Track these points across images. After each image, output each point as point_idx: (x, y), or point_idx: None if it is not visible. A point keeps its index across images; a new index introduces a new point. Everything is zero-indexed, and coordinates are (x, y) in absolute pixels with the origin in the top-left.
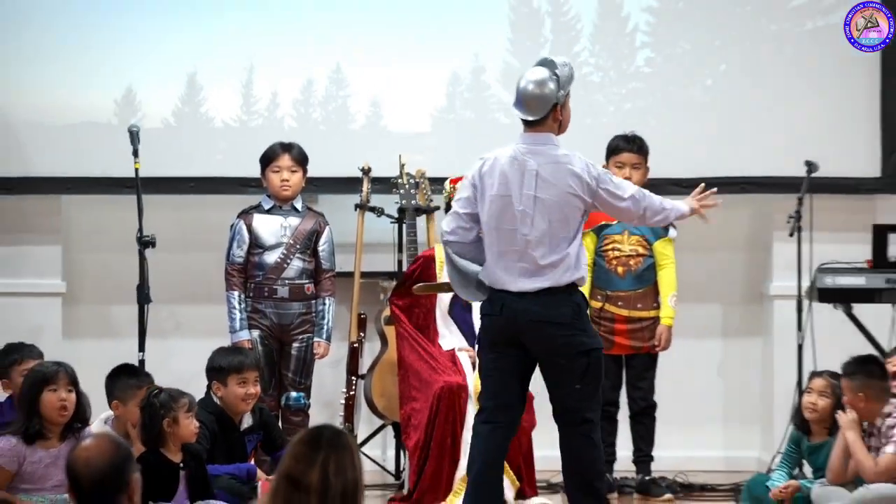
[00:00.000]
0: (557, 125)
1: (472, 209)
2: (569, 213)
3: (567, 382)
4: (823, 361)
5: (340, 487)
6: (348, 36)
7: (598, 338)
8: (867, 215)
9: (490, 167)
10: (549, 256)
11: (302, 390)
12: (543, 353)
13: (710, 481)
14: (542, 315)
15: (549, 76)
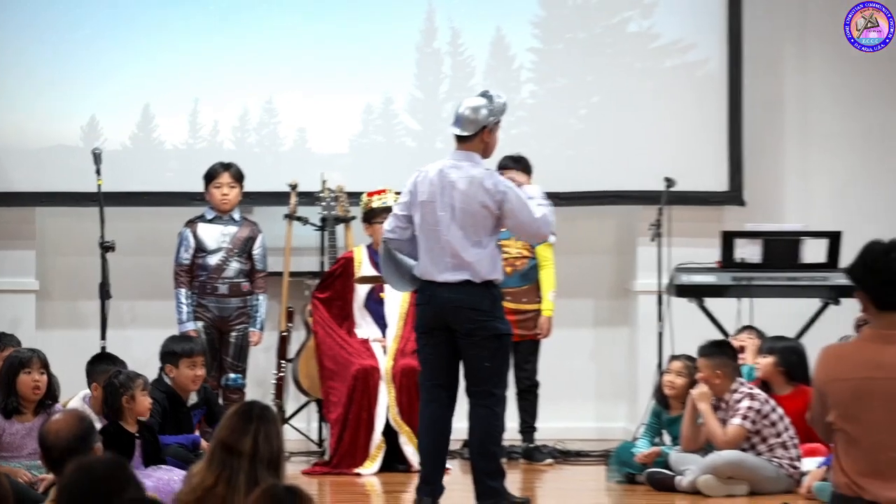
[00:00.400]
0: (483, 146)
1: (408, 212)
2: (479, 221)
3: (479, 360)
4: (680, 347)
5: (268, 454)
6: (278, 72)
7: (509, 326)
8: (716, 223)
9: (423, 177)
10: (467, 256)
11: (239, 372)
12: (463, 333)
13: (584, 448)
14: (464, 301)
15: (483, 104)
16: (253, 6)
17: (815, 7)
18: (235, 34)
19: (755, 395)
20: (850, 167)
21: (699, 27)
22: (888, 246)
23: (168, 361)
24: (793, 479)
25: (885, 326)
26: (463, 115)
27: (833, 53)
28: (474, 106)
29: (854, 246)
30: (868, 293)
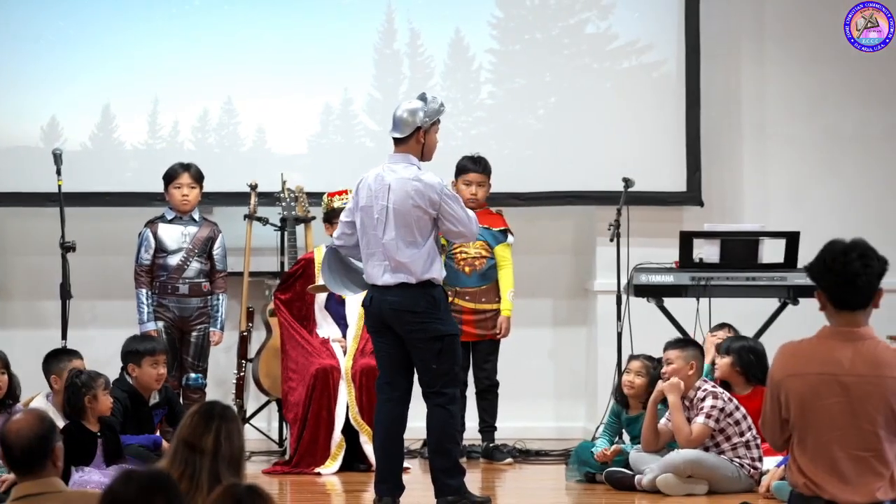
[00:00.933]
0: (420, 148)
1: (351, 218)
2: (414, 222)
3: (425, 362)
4: (639, 347)
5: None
6: (237, 72)
7: (452, 325)
8: (675, 224)
9: (363, 184)
10: (403, 257)
11: (200, 372)
12: (406, 336)
13: (543, 448)
14: (401, 304)
15: (419, 106)
16: (212, 7)
17: (773, 7)
18: (195, 35)
19: (719, 393)
20: (807, 167)
21: (656, 28)
22: (847, 246)
23: (131, 360)
24: (753, 479)
25: (842, 324)
26: (399, 117)
27: (790, 54)
28: (410, 108)
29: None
30: (826, 292)
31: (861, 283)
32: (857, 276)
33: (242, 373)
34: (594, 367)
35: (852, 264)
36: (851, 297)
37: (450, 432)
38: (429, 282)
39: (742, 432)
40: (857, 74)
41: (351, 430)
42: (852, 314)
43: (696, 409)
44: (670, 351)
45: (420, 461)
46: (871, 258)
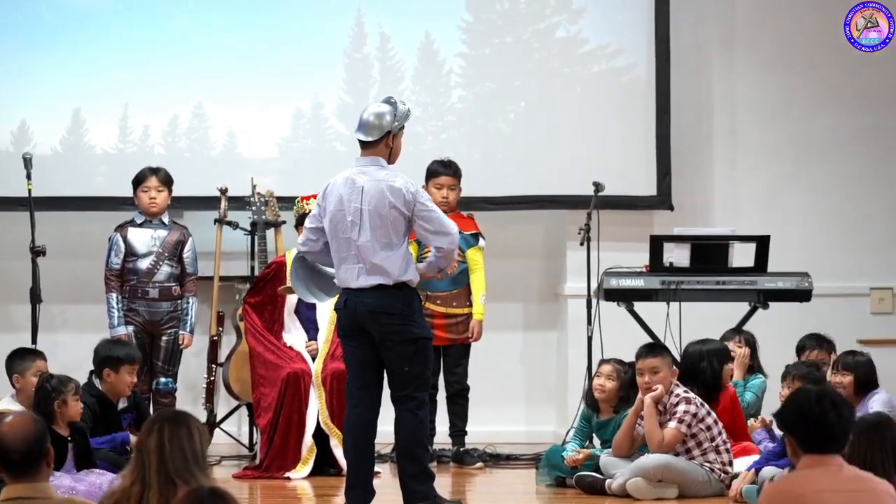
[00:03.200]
0: (388, 151)
1: (318, 224)
2: (389, 223)
3: (397, 365)
4: (609, 350)
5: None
6: (208, 77)
7: (426, 329)
8: (645, 228)
9: (330, 189)
10: (378, 259)
11: (170, 376)
12: (380, 338)
13: (514, 452)
14: (376, 306)
15: (387, 110)
16: (182, 11)
17: (743, 13)
18: (165, 39)
19: (691, 398)
20: (777, 171)
21: (627, 32)
22: (819, 393)
23: (108, 366)
24: (723, 483)
25: (814, 462)
26: (367, 121)
27: (760, 59)
28: (378, 112)
29: (782, 250)
30: (798, 439)
31: (836, 432)
32: (831, 426)
33: (212, 377)
34: (564, 371)
35: (828, 414)
36: (826, 445)
37: (418, 438)
38: (405, 284)
39: (713, 437)
40: (827, 80)
41: (321, 434)
42: (821, 455)
43: (669, 414)
44: (653, 359)
45: (390, 465)
46: (843, 406)
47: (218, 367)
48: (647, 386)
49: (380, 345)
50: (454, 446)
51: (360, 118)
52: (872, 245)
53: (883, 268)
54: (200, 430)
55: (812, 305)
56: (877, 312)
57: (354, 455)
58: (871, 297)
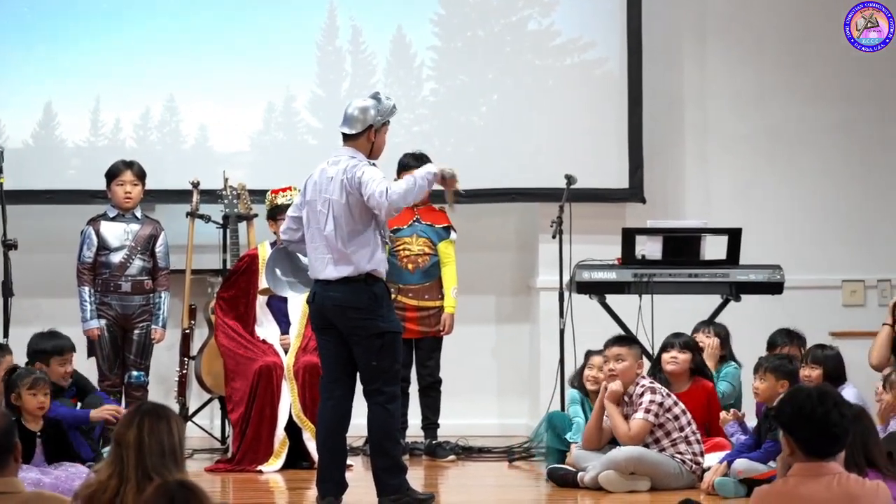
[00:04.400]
0: (370, 146)
1: (297, 213)
2: (351, 211)
3: (366, 359)
4: (581, 343)
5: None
6: (179, 70)
7: (394, 323)
8: (617, 220)
9: (310, 178)
10: (345, 248)
11: (142, 370)
12: (347, 333)
13: (486, 444)
14: (342, 301)
15: (372, 104)
16: (154, 4)
17: (715, 5)
18: (137, 32)
19: (656, 388)
20: (749, 164)
21: (598, 25)
22: (820, 392)
23: (38, 360)
24: (695, 475)
25: (811, 470)
26: (351, 115)
27: (732, 52)
28: (362, 106)
29: (754, 242)
30: (798, 440)
31: (839, 433)
32: (835, 426)
33: (185, 370)
34: (537, 364)
35: (831, 414)
36: (828, 447)
37: (390, 431)
38: (371, 276)
39: (682, 427)
40: (800, 72)
41: (294, 427)
42: (821, 461)
43: (635, 405)
44: (619, 347)
45: (363, 458)
46: (844, 405)
47: (190, 360)
48: (611, 373)
49: (348, 339)
50: (426, 439)
51: (344, 111)
52: (844, 238)
53: (854, 260)
54: (179, 424)
55: (784, 298)
56: (848, 305)
57: (327, 448)
58: (842, 289)
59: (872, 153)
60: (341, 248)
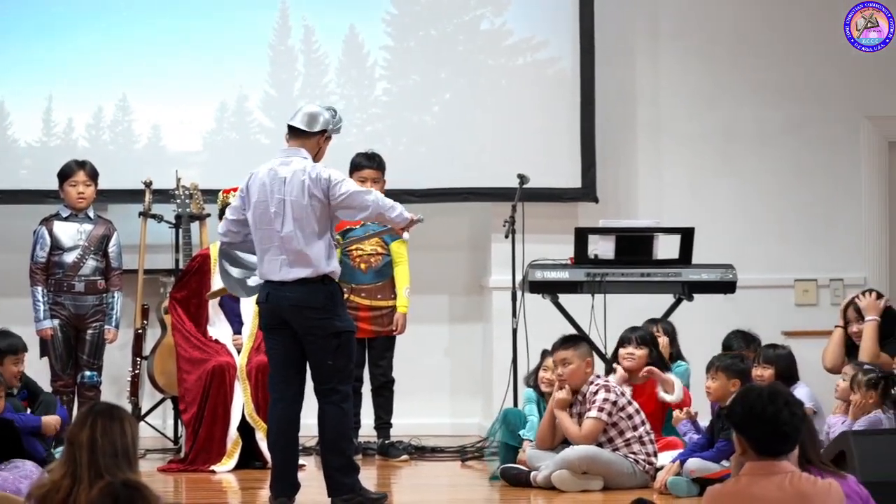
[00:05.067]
0: (317, 150)
1: (239, 216)
2: (310, 212)
3: (321, 359)
4: (534, 343)
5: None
6: (132, 70)
7: (349, 322)
8: (570, 220)
9: (253, 179)
10: (301, 250)
11: (95, 370)
12: (302, 332)
13: (439, 444)
14: (299, 300)
15: (331, 114)
16: (107, 4)
17: (667, 5)
18: (89, 32)
19: (610, 387)
20: (702, 163)
21: (551, 25)
22: (771, 391)
23: None
24: (648, 475)
25: (763, 469)
26: (312, 114)
27: (685, 51)
28: (316, 109)
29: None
30: (750, 439)
31: (789, 431)
32: (785, 424)
33: (137, 370)
34: (490, 364)
35: (782, 413)
36: (779, 445)
37: (343, 430)
38: (327, 276)
39: (635, 426)
40: (752, 71)
41: (247, 427)
42: (774, 460)
43: (588, 404)
44: (564, 350)
45: (315, 458)
46: (795, 405)
47: (143, 360)
48: (560, 378)
49: (302, 339)
50: (379, 439)
51: (300, 109)
52: (796, 237)
53: (807, 260)
54: (133, 425)
55: (737, 297)
56: (801, 304)
57: (278, 448)
58: (795, 288)
59: (824, 152)
60: (300, 248)
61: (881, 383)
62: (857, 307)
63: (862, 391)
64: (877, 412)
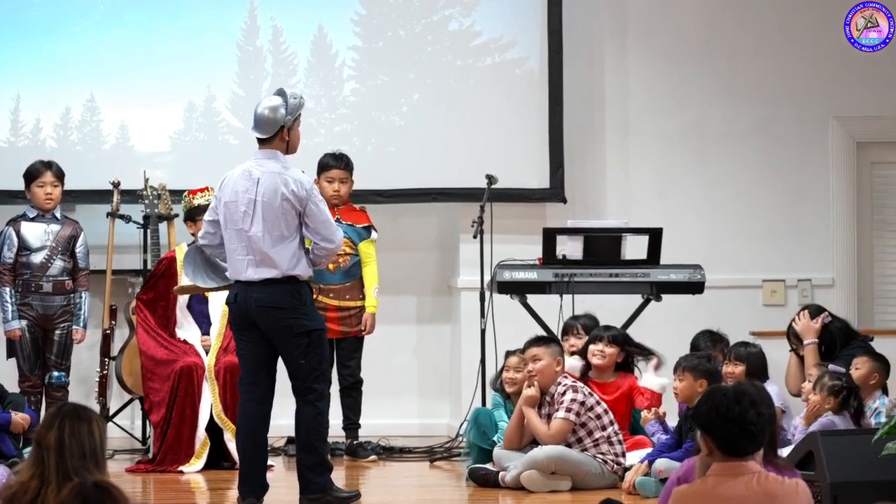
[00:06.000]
0: (285, 145)
1: (214, 217)
2: (282, 215)
3: (293, 358)
4: (503, 343)
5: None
6: (100, 70)
7: (318, 320)
8: (538, 220)
9: (227, 181)
10: (270, 251)
11: (63, 370)
12: (273, 333)
13: (408, 445)
14: (267, 301)
15: (280, 103)
16: (74, 4)
17: (635, 5)
18: (57, 31)
19: (578, 387)
20: (671, 164)
21: (519, 25)
22: (737, 391)
23: None
24: (616, 475)
25: (729, 469)
26: (261, 117)
27: (653, 51)
28: (271, 106)
29: (675, 242)
30: (717, 441)
31: (755, 431)
32: (751, 424)
33: (105, 371)
34: (458, 364)
35: (748, 413)
36: (745, 445)
37: (318, 429)
38: (294, 277)
39: (604, 426)
40: (721, 71)
41: (215, 428)
42: (740, 460)
43: (556, 404)
44: (536, 348)
45: (284, 459)
46: (762, 404)
47: (111, 360)
48: (531, 375)
49: (273, 339)
50: (347, 439)
51: (254, 114)
52: (765, 237)
53: (775, 260)
54: (100, 425)
55: (705, 297)
56: (769, 304)
57: (248, 449)
58: (763, 289)
59: (791, 153)
60: (266, 250)
61: (843, 393)
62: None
63: (822, 395)
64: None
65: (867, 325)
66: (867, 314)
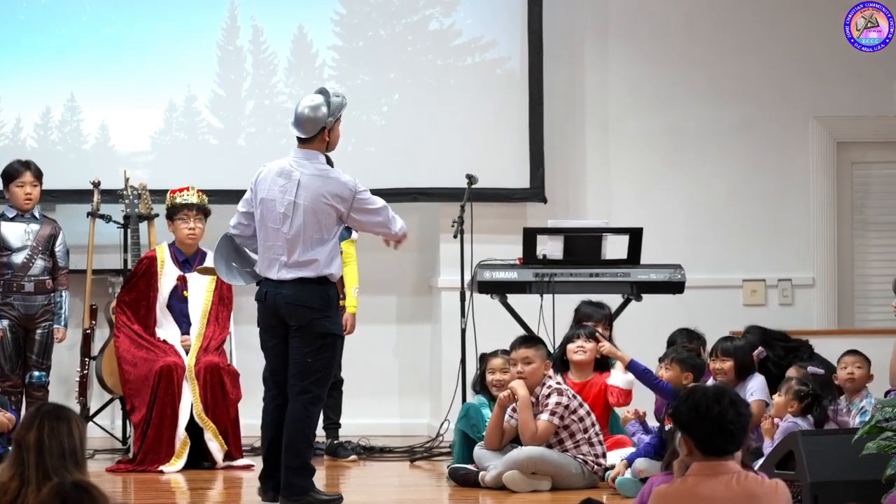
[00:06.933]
0: (325, 145)
1: (249, 209)
2: (321, 218)
3: (302, 355)
4: (483, 343)
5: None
6: (80, 70)
7: (339, 327)
8: (519, 220)
9: (264, 175)
10: (304, 254)
11: (43, 370)
12: (294, 329)
13: (388, 444)
14: (296, 298)
15: (321, 102)
16: (55, 3)
17: (616, 4)
18: (37, 31)
19: (563, 390)
20: (651, 163)
21: (500, 25)
22: (716, 391)
23: None
24: (596, 475)
25: (709, 469)
26: (302, 116)
27: (633, 51)
28: (313, 105)
29: (656, 242)
30: (696, 440)
31: (735, 430)
32: (731, 423)
33: (86, 370)
34: (438, 364)
35: (728, 412)
36: (725, 444)
37: (305, 432)
38: (325, 278)
39: (586, 428)
40: (702, 71)
41: (195, 427)
42: (719, 459)
43: (541, 406)
44: (526, 349)
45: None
46: (741, 404)
47: (91, 360)
48: (520, 375)
49: (291, 333)
50: (328, 439)
51: (295, 111)
52: (745, 237)
53: (755, 260)
54: (80, 425)
55: (686, 297)
56: (749, 304)
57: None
58: (743, 289)
59: (772, 153)
60: (301, 251)
61: (807, 400)
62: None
63: (787, 397)
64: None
65: (847, 325)
66: (847, 314)
